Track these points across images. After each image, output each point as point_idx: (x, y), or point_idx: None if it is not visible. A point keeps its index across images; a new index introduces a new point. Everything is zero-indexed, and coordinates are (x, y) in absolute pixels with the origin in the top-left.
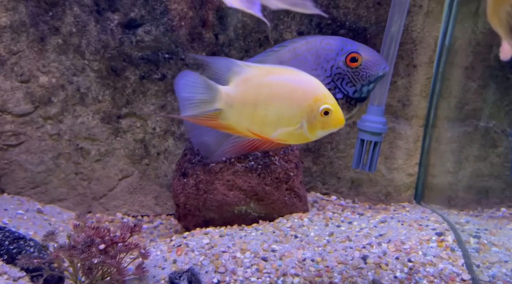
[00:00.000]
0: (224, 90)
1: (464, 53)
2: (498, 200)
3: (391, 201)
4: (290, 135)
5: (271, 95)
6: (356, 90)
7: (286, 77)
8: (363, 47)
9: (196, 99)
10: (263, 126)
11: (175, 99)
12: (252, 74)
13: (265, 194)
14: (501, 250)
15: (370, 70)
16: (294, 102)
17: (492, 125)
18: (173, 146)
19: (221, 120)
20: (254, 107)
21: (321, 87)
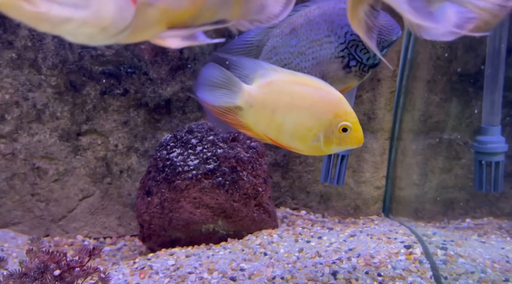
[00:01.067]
0: (246, 88)
1: (425, 67)
2: (463, 211)
3: (360, 214)
4: (305, 146)
5: (291, 104)
6: (369, 57)
7: (309, 88)
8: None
9: (218, 90)
10: (279, 133)
11: (138, 114)
12: (277, 78)
13: (233, 211)
14: (467, 261)
15: (384, 35)
16: (313, 115)
17: (455, 137)
18: (137, 164)
19: (240, 118)
20: (273, 112)
21: (344, 103)
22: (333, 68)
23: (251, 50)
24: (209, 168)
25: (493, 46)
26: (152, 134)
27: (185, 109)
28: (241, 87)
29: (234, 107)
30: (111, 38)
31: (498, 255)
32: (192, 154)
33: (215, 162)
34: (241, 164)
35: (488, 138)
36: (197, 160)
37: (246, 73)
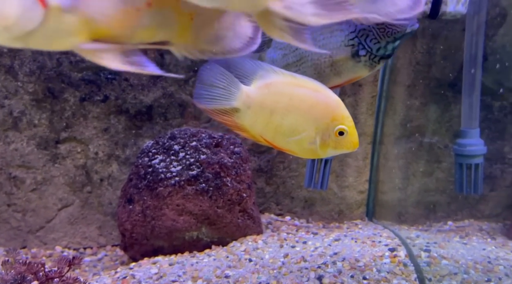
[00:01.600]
0: (245, 90)
1: (405, 72)
2: (445, 214)
3: (344, 219)
4: (301, 149)
5: (290, 106)
6: (380, 47)
7: (308, 91)
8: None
9: (216, 91)
10: (276, 134)
11: (119, 121)
12: (276, 80)
13: (217, 217)
14: (450, 263)
15: (397, 26)
16: (311, 117)
17: (435, 141)
18: (118, 171)
19: (236, 119)
20: (271, 113)
21: (341, 107)
22: (342, 56)
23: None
24: (192, 174)
25: (470, 52)
26: (134, 141)
27: (167, 115)
28: (239, 88)
29: (231, 109)
30: (16, 40)
31: (480, 256)
32: (175, 161)
33: (198, 168)
34: (224, 169)
35: (467, 140)
36: (180, 167)
37: (245, 74)
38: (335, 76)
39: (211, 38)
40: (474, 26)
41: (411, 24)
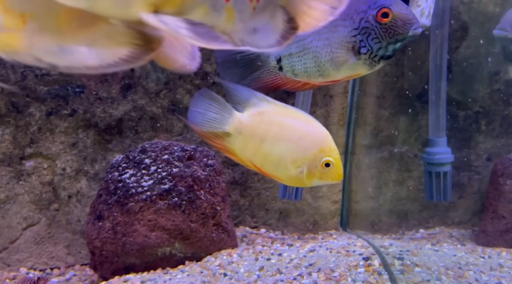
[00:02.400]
0: (238, 116)
1: (374, 83)
2: (417, 222)
3: (319, 229)
4: (287, 177)
5: (280, 135)
6: (381, 47)
7: (299, 122)
8: (397, 3)
9: (209, 115)
10: (265, 161)
11: (87, 135)
12: (268, 109)
13: (190, 232)
14: (423, 270)
15: (399, 28)
16: (300, 148)
17: (405, 150)
18: (87, 188)
19: (227, 143)
20: (261, 141)
21: (329, 139)
22: (343, 51)
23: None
24: (164, 189)
25: (435, 64)
26: (103, 156)
27: (138, 128)
28: (232, 114)
29: (222, 133)
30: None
31: (451, 262)
32: (146, 175)
33: (171, 181)
34: (198, 183)
35: (435, 149)
36: (151, 181)
37: (239, 101)
38: (334, 71)
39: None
40: (438, 39)
41: (414, 27)
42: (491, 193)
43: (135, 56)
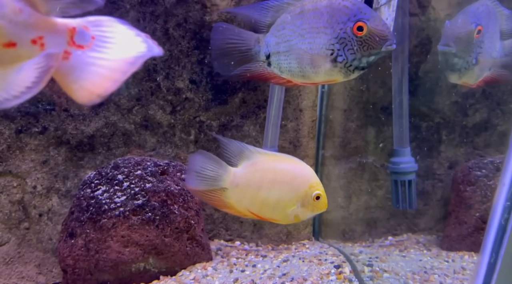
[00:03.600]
0: (232, 171)
1: (341, 97)
2: (385, 230)
3: (292, 240)
4: (283, 216)
5: (274, 180)
6: (355, 58)
7: (288, 164)
8: (375, 19)
9: (206, 174)
10: (262, 207)
11: (58, 153)
12: (259, 159)
13: (164, 246)
14: (391, 275)
15: (374, 43)
16: (293, 187)
17: (372, 161)
18: (58, 205)
19: (224, 198)
20: (258, 189)
21: (314, 175)
22: (322, 57)
23: (266, 18)
24: (138, 204)
25: (398, 78)
26: (75, 173)
27: (110, 145)
28: (227, 170)
29: (219, 189)
30: None
31: (417, 267)
32: (119, 191)
33: (144, 197)
34: (171, 197)
35: (400, 159)
36: (124, 197)
37: (233, 155)
38: (313, 74)
39: None
40: (399, 55)
41: (388, 43)
42: (453, 199)
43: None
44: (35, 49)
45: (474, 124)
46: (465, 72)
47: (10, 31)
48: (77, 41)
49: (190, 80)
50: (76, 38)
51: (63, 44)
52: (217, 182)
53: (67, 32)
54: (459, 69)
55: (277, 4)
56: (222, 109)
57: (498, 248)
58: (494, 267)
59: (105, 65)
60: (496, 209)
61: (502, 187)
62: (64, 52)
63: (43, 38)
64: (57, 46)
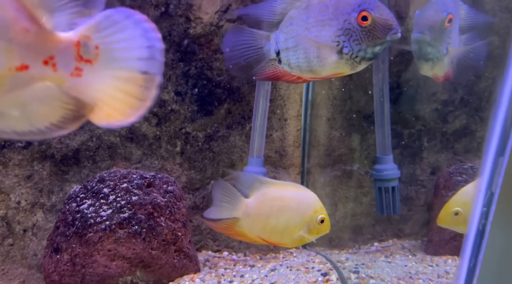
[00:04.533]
0: (245, 201)
1: (325, 107)
2: (371, 236)
3: (280, 249)
4: (292, 240)
5: (283, 207)
6: (360, 49)
7: (294, 192)
8: (379, 8)
9: (222, 205)
10: (272, 233)
11: (43, 167)
12: (268, 188)
13: (152, 259)
14: (377, 282)
15: (378, 32)
16: (300, 213)
17: (357, 168)
18: (43, 220)
19: (237, 228)
20: (268, 217)
21: (318, 200)
22: (328, 49)
23: (274, 15)
24: (124, 217)
25: (379, 87)
26: (60, 187)
27: (96, 158)
28: (241, 200)
29: (232, 221)
30: None
31: (402, 272)
32: (105, 204)
33: (130, 210)
34: (158, 209)
35: (383, 166)
36: (110, 210)
37: (245, 186)
38: (320, 67)
39: None
40: (380, 65)
41: (392, 32)
42: (435, 204)
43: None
44: (48, 70)
45: (454, 131)
46: (437, 62)
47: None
48: (84, 55)
49: (175, 92)
50: (81, 52)
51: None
52: (231, 212)
53: (73, 47)
54: (432, 59)
55: (284, 1)
56: (208, 120)
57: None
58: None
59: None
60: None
61: (479, 193)
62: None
63: (54, 58)
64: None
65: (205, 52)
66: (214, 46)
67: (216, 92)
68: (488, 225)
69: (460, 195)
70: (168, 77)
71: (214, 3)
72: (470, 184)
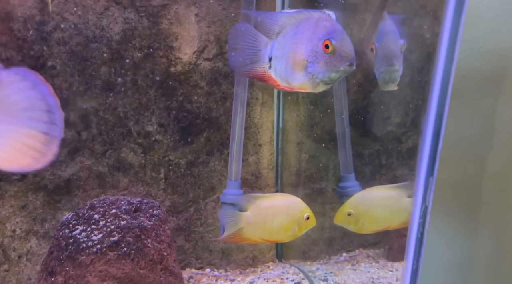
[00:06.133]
0: (245, 215)
1: (294, 132)
2: (340, 247)
3: (258, 263)
4: (286, 236)
5: (276, 212)
6: (320, 72)
7: (283, 200)
8: (343, 40)
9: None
10: (271, 234)
11: (37, 197)
12: (262, 201)
13: (140, 278)
14: None
15: (335, 61)
16: (289, 215)
17: (324, 186)
18: (37, 246)
19: (242, 235)
20: (264, 223)
21: (302, 203)
22: (299, 65)
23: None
24: (114, 240)
25: (339, 114)
26: (53, 215)
27: (86, 187)
28: (241, 216)
29: (238, 231)
30: None
31: (365, 278)
32: (96, 229)
33: (119, 234)
34: (145, 232)
35: (346, 183)
36: (101, 234)
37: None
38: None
39: None
40: (339, 93)
41: (346, 64)
42: None
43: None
44: None
45: (408, 149)
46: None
47: None
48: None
49: (159, 124)
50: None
51: None
52: (236, 225)
53: None
54: (396, 78)
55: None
56: (189, 148)
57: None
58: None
59: (20, 139)
60: (413, 225)
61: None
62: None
63: None
64: None
65: (185, 88)
66: (193, 82)
67: (196, 122)
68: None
69: (353, 199)
70: (151, 111)
71: (192, 45)
72: (361, 191)
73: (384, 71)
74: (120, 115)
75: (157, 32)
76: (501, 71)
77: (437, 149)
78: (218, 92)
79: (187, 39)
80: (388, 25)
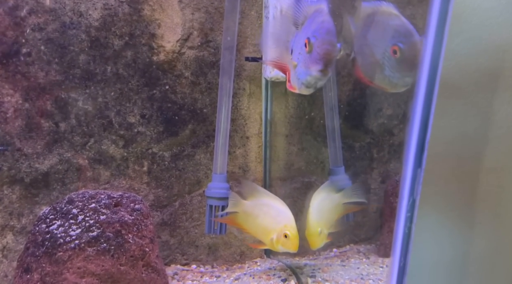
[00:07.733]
0: (243, 201)
1: (282, 124)
2: (330, 243)
3: (246, 259)
4: (267, 241)
5: (268, 213)
6: (301, 72)
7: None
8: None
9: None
10: (256, 230)
11: (13, 191)
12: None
13: (120, 274)
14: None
15: (309, 63)
16: (275, 221)
17: (314, 180)
18: (13, 242)
19: (235, 219)
20: (256, 217)
21: (292, 219)
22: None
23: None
24: (93, 236)
25: (329, 106)
26: (30, 210)
27: (65, 180)
28: (240, 200)
29: (234, 214)
30: None
31: (355, 274)
32: (74, 224)
33: (99, 229)
34: (125, 227)
35: (336, 177)
36: (80, 229)
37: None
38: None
39: None
40: (330, 84)
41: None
42: (385, 211)
43: None
44: None
45: (400, 142)
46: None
47: None
48: None
49: (141, 115)
50: None
51: None
52: (233, 206)
53: None
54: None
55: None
56: (173, 140)
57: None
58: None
59: None
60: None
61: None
62: None
63: None
64: None
65: (168, 77)
66: (177, 71)
67: (181, 113)
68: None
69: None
70: (133, 101)
71: (176, 32)
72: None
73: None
74: (101, 106)
75: (138, 18)
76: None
77: (425, 139)
78: (204, 82)
79: (171, 27)
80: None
